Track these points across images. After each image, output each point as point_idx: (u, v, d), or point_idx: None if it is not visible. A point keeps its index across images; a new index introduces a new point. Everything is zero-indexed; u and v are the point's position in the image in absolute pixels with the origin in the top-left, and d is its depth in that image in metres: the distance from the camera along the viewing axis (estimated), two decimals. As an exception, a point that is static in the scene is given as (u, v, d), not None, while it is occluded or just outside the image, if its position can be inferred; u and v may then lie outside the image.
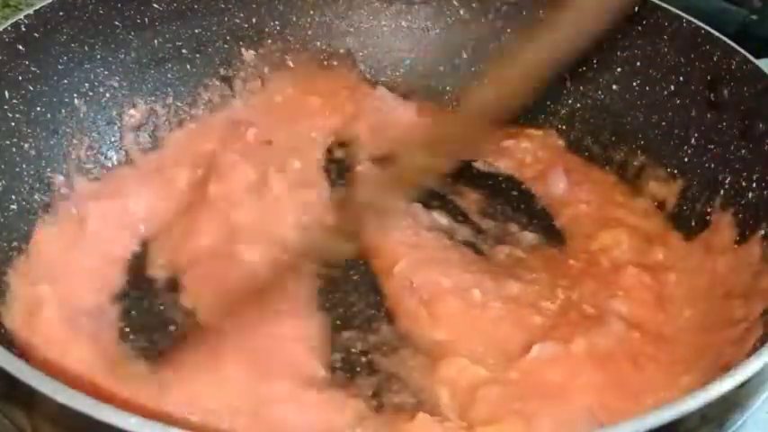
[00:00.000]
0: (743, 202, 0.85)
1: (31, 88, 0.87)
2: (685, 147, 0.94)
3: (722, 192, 0.89)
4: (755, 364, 0.58)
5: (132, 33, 0.98)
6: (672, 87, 0.96)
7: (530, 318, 0.79)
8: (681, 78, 0.95)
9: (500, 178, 1.01)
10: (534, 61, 0.65)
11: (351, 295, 0.84)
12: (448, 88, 1.13)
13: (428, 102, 1.11)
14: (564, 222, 0.95)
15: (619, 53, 1.01)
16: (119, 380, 0.71)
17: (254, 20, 1.08)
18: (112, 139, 0.97)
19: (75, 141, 0.92)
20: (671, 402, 0.53)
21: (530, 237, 0.92)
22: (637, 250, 0.89)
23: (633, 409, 0.68)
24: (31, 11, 0.86)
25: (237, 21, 1.07)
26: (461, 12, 1.12)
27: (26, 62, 0.86)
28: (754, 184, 0.84)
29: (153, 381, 0.72)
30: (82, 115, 0.93)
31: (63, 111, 0.91)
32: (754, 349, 0.60)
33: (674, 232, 0.92)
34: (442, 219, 0.92)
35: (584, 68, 1.05)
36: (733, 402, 0.58)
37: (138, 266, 0.86)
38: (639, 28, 0.99)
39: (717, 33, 0.91)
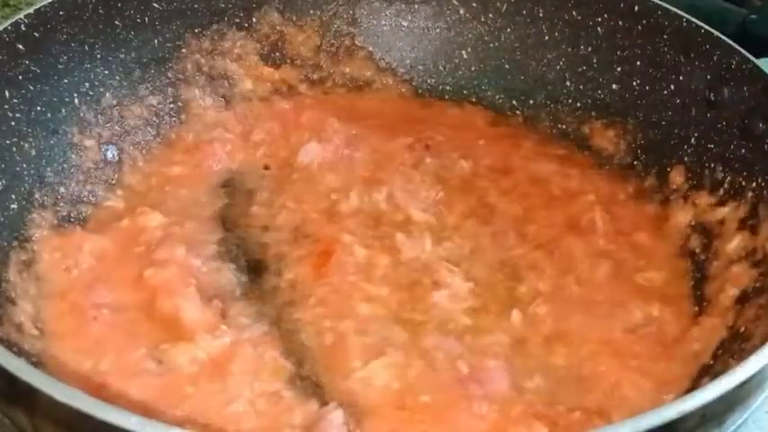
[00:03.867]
0: (743, 201, 0.85)
1: (32, 88, 0.87)
2: (685, 146, 0.94)
3: (722, 191, 0.89)
4: (755, 363, 0.58)
5: (132, 33, 0.98)
6: (672, 87, 0.96)
7: None
8: (681, 78, 0.95)
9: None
10: None
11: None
12: (448, 87, 1.13)
13: (428, 100, 1.12)
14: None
15: (619, 53, 1.01)
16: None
17: (254, 19, 1.08)
18: (113, 139, 0.97)
19: (75, 141, 0.92)
20: (671, 402, 0.54)
21: None
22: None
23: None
24: (31, 10, 0.86)
25: (238, 20, 1.07)
26: (461, 11, 1.12)
27: (26, 62, 0.86)
28: (754, 184, 0.85)
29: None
30: (82, 115, 0.93)
31: (63, 110, 0.91)
32: (754, 349, 0.60)
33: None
34: None
35: (585, 68, 1.05)
36: (733, 401, 0.58)
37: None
38: (639, 28, 0.99)
39: (717, 33, 0.91)
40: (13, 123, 0.84)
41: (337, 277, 0.84)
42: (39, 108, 0.88)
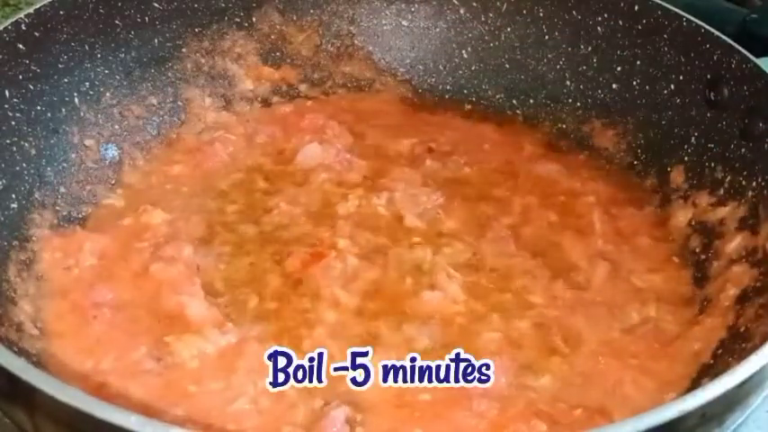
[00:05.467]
0: (743, 201, 0.86)
1: (32, 87, 0.87)
2: (685, 146, 0.94)
3: (722, 191, 0.89)
4: (755, 363, 0.58)
5: (132, 32, 0.98)
6: (672, 87, 0.96)
7: None
8: (681, 78, 0.95)
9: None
10: None
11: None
12: (448, 87, 1.13)
13: (428, 100, 1.12)
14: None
15: (619, 52, 1.02)
16: None
17: (254, 19, 1.08)
18: (113, 139, 0.96)
19: (75, 140, 0.92)
20: (671, 401, 0.54)
21: None
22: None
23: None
24: (31, 10, 0.87)
25: (238, 20, 1.07)
26: (461, 11, 1.12)
27: (26, 61, 0.86)
28: (754, 184, 0.85)
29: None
30: (82, 114, 0.93)
31: (63, 110, 0.91)
32: (754, 348, 0.60)
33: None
34: None
35: (584, 68, 1.05)
36: (733, 401, 0.58)
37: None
38: (639, 27, 0.99)
39: (717, 33, 0.91)
40: (13, 123, 0.84)
41: (319, 280, 0.84)
42: (39, 108, 0.88)
